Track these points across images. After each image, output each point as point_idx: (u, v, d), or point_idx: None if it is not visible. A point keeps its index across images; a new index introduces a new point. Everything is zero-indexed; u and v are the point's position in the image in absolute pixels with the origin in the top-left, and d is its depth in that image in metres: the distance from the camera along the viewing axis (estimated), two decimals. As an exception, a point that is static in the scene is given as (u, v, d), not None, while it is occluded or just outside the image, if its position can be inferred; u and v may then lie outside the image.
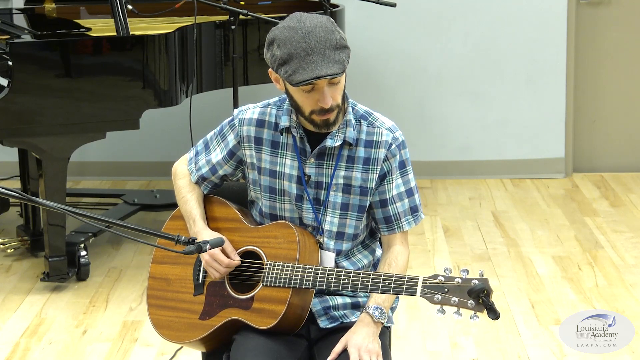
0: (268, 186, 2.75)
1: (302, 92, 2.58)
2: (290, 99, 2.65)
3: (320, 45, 2.54)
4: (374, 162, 2.70)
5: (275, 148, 2.73)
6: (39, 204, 2.32)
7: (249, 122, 2.75)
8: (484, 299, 2.46)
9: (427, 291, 2.52)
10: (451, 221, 5.62)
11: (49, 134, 4.45)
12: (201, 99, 5.05)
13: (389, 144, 2.70)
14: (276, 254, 2.68)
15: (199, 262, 2.79)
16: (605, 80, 6.44)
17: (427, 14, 6.29)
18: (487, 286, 2.47)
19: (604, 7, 6.37)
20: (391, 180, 2.72)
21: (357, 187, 2.70)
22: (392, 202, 2.73)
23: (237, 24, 4.74)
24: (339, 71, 2.54)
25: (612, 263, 4.95)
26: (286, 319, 2.64)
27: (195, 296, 2.77)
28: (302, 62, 2.53)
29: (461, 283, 2.49)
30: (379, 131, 2.71)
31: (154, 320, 2.83)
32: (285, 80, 2.57)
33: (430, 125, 6.43)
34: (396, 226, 2.75)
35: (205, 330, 2.73)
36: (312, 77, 2.52)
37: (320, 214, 2.72)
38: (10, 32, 4.68)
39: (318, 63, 2.52)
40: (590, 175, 6.47)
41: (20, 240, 5.06)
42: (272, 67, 2.62)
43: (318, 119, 2.62)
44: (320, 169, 2.71)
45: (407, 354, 4.03)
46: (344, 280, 2.61)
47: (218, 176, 2.83)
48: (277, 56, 2.57)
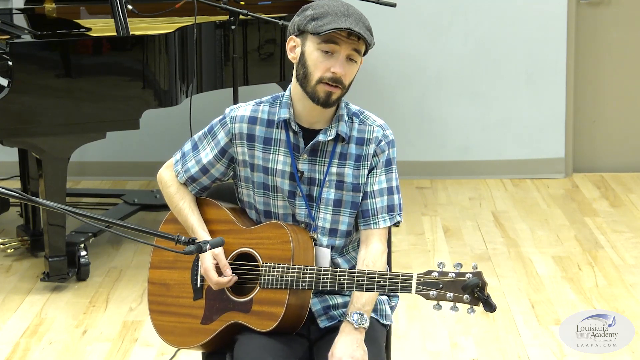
0: (262, 182, 2.74)
1: (319, 53, 2.59)
2: (302, 66, 2.64)
3: (357, 15, 2.60)
4: (364, 159, 2.72)
5: (267, 144, 2.73)
6: (39, 204, 2.32)
7: (241, 119, 2.74)
8: (478, 293, 2.47)
9: (422, 288, 2.52)
10: (451, 221, 5.62)
11: (49, 134, 4.45)
12: (201, 99, 5.04)
13: (379, 140, 2.73)
14: (271, 255, 2.68)
15: (196, 266, 2.79)
16: (605, 80, 6.44)
17: (427, 14, 6.29)
18: (481, 279, 2.48)
19: (604, 7, 6.37)
20: (375, 174, 2.74)
21: (349, 183, 2.71)
22: (371, 196, 2.74)
23: (237, 24, 4.74)
24: (369, 41, 2.59)
25: (612, 263, 4.95)
26: (286, 320, 2.65)
27: (195, 300, 2.77)
28: (337, 18, 2.57)
29: (455, 278, 2.50)
30: (370, 128, 2.73)
31: (157, 326, 2.84)
32: (314, 30, 2.57)
33: (430, 125, 6.43)
34: (372, 221, 2.74)
35: (208, 335, 2.74)
36: (346, 26, 2.55)
37: (313, 211, 2.73)
38: (10, 32, 4.68)
39: (353, 23, 2.57)
40: (590, 175, 6.47)
41: (20, 240, 5.06)
42: (298, 28, 2.63)
43: (322, 90, 2.61)
44: (313, 165, 2.72)
45: (407, 354, 4.03)
46: (339, 279, 2.61)
47: (210, 176, 2.80)
48: (310, 14, 2.61)
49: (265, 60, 5.13)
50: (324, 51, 2.59)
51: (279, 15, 5.07)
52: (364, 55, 2.64)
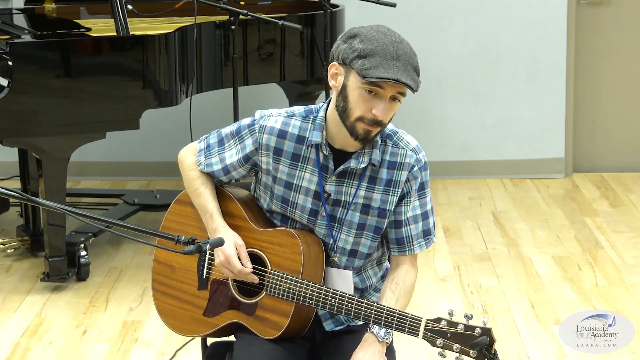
0: (281, 196, 2.70)
1: (362, 93, 2.50)
2: (342, 99, 2.55)
3: (406, 57, 2.52)
4: (395, 185, 2.66)
5: (295, 161, 2.67)
6: (39, 204, 2.32)
7: (271, 131, 2.67)
8: (485, 352, 2.43)
9: (429, 335, 2.49)
10: (451, 221, 5.62)
11: (49, 134, 4.45)
12: (201, 99, 5.05)
13: (412, 166, 2.66)
14: (280, 262, 2.66)
15: (203, 255, 2.78)
16: (605, 80, 6.44)
17: (427, 14, 6.29)
18: (490, 337, 2.43)
19: (604, 7, 6.37)
20: (409, 202, 2.68)
21: (375, 208, 2.66)
22: (406, 224, 2.69)
23: (237, 24, 4.74)
24: (414, 88, 2.51)
25: (612, 263, 4.95)
26: (290, 330, 2.65)
27: (199, 290, 2.77)
28: (385, 62, 2.47)
29: (464, 331, 2.45)
30: (403, 152, 2.67)
31: (159, 306, 2.84)
32: (360, 71, 2.47)
33: (430, 125, 6.43)
34: (407, 248, 2.71)
35: (209, 328, 2.75)
36: (393, 77, 2.46)
37: (335, 231, 2.69)
38: (10, 32, 4.68)
39: (401, 70, 2.49)
40: (590, 175, 6.47)
41: (20, 240, 5.05)
42: (343, 59, 2.53)
43: (362, 128, 2.54)
44: (341, 187, 2.66)
45: (407, 354, 4.02)
46: (346, 306, 2.57)
47: (230, 177, 2.78)
48: (358, 48, 2.50)
49: (265, 60, 5.12)
50: (367, 90, 2.51)
51: (279, 15, 5.08)
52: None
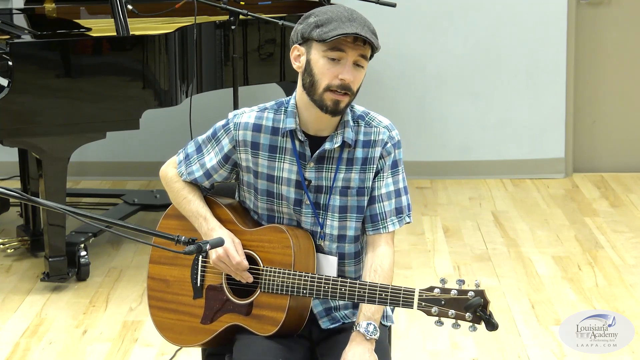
0: (265, 190, 2.72)
1: (326, 62, 2.55)
2: (308, 74, 2.59)
3: (362, 20, 2.56)
4: (370, 162, 2.69)
5: (273, 152, 2.69)
6: (39, 204, 2.32)
7: (245, 127, 2.70)
8: (481, 312, 2.45)
9: (423, 304, 2.50)
10: (451, 221, 5.62)
11: (49, 134, 4.45)
12: (201, 99, 5.05)
13: (385, 142, 2.69)
14: (271, 259, 2.68)
15: (195, 264, 2.78)
16: (605, 80, 6.44)
17: (427, 14, 6.29)
18: (484, 298, 2.45)
19: (604, 7, 6.37)
20: (382, 177, 2.71)
21: (354, 188, 2.69)
22: (379, 200, 2.72)
23: (237, 24, 4.74)
24: (375, 44, 2.54)
25: (612, 263, 4.95)
26: (287, 325, 2.65)
27: (194, 299, 2.77)
28: (342, 24, 2.52)
29: (457, 295, 2.47)
30: (376, 130, 2.70)
31: (156, 322, 2.84)
32: (320, 37, 2.52)
33: (430, 125, 6.43)
34: (381, 226, 2.73)
35: (207, 335, 2.75)
36: (352, 31, 2.50)
37: (321, 218, 2.71)
38: (11, 32, 4.68)
39: (359, 28, 2.53)
40: (590, 175, 6.47)
41: (20, 240, 5.05)
42: (302, 36, 2.58)
43: (330, 99, 2.57)
44: (320, 172, 2.69)
45: (407, 354, 4.03)
46: (340, 289, 2.59)
47: (212, 180, 2.79)
48: (314, 21, 2.56)
49: (265, 60, 5.13)
50: (330, 58, 2.55)
51: (279, 15, 5.07)
52: (369, 59, 2.60)
